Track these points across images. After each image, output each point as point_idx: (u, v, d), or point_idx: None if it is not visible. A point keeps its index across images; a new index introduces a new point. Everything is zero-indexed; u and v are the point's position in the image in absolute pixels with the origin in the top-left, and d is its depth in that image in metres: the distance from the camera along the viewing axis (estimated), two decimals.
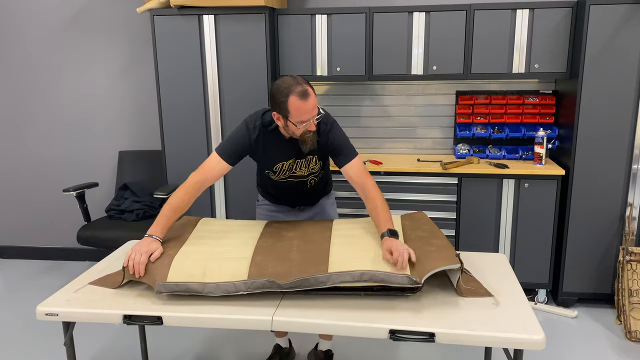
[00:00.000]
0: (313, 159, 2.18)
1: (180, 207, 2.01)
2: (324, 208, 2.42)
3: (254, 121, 2.12)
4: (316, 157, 2.17)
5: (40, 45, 3.86)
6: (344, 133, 2.16)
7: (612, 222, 3.08)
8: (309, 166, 2.19)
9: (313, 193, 2.35)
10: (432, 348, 2.80)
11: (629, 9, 2.84)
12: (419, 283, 1.69)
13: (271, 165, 2.18)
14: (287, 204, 2.39)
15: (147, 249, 1.88)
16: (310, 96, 1.93)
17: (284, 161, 2.16)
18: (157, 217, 1.99)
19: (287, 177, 2.21)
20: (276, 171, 2.18)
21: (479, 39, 3.14)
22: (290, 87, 1.93)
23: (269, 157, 2.16)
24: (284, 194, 2.34)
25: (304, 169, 2.19)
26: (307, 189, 2.29)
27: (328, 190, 2.46)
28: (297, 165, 2.17)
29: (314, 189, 2.32)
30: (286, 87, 1.93)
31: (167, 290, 1.77)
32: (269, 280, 1.74)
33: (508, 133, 3.39)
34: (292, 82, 1.94)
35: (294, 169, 2.18)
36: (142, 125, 3.90)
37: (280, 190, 2.32)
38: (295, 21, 3.26)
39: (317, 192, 2.36)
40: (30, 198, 4.13)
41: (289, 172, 2.19)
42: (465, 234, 3.22)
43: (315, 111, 1.98)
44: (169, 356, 2.79)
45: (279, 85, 1.96)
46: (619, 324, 2.98)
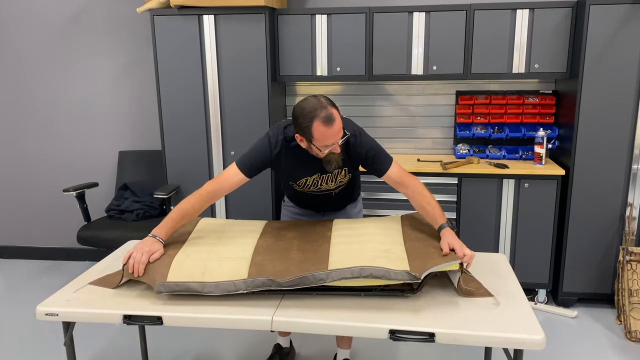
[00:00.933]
0: (342, 172, 2.12)
1: (190, 214, 1.99)
2: (349, 215, 2.37)
3: (276, 135, 2.04)
4: (345, 169, 2.11)
5: (41, 45, 3.86)
6: (373, 140, 2.08)
7: (612, 222, 3.08)
8: (337, 179, 2.13)
9: (339, 200, 2.30)
10: (432, 348, 2.79)
11: (629, 9, 2.84)
12: (419, 278, 1.69)
13: (295, 179, 2.13)
14: (312, 209, 2.36)
15: (149, 249, 1.87)
16: (335, 121, 1.86)
17: (308, 176, 2.10)
18: (165, 219, 1.96)
19: (315, 191, 2.17)
20: (300, 185, 2.14)
21: (479, 39, 3.14)
22: (314, 112, 1.85)
23: (293, 172, 2.11)
24: (309, 203, 2.31)
25: (331, 183, 2.14)
26: (332, 198, 2.24)
27: (355, 196, 2.39)
28: (322, 180, 2.12)
29: (340, 196, 2.26)
30: (310, 112, 1.85)
31: (167, 290, 1.77)
32: (269, 278, 1.74)
33: (508, 133, 3.39)
34: (317, 105, 1.86)
35: (320, 184, 2.13)
36: (142, 125, 3.90)
37: (304, 199, 2.29)
38: (295, 21, 3.26)
39: (343, 198, 2.31)
40: (30, 198, 4.13)
41: (314, 187, 2.14)
42: (465, 234, 3.22)
43: (340, 134, 1.91)
44: (169, 356, 2.79)
45: (302, 107, 1.89)
46: (619, 324, 2.98)
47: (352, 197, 2.36)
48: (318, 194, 2.19)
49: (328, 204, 2.32)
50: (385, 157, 2.07)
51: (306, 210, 2.39)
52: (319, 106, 1.86)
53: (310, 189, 2.15)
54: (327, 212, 2.37)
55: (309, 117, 1.86)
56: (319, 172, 2.09)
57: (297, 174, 2.11)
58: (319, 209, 2.36)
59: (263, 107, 3.28)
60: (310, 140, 1.91)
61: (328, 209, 2.36)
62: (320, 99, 1.89)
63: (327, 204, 2.32)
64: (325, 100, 1.90)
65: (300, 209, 2.39)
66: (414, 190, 2.04)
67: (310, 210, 2.38)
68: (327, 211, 2.37)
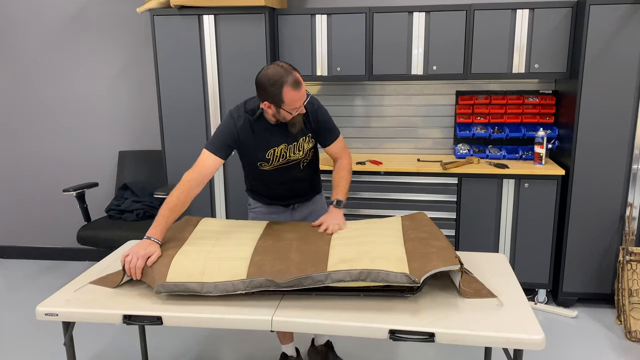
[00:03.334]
0: (306, 139, 2.20)
1: (177, 207, 2.00)
2: (317, 206, 2.40)
3: (238, 110, 2.14)
4: (309, 135, 2.20)
5: (41, 45, 3.87)
6: (327, 111, 2.25)
7: (612, 222, 3.08)
8: (304, 148, 2.21)
9: (305, 184, 2.33)
10: (432, 348, 2.80)
11: (629, 9, 2.84)
12: (418, 282, 1.69)
13: (263, 154, 2.16)
14: (281, 202, 2.35)
15: (145, 252, 1.86)
16: (301, 83, 1.98)
17: (275, 147, 2.16)
18: (156, 218, 1.97)
19: (281, 164, 2.20)
20: (269, 159, 2.17)
21: (479, 39, 3.14)
22: (282, 78, 1.94)
23: (260, 144, 2.15)
24: (277, 187, 2.30)
25: (299, 152, 2.21)
26: (298, 180, 2.27)
27: (319, 188, 2.44)
28: (290, 151, 2.18)
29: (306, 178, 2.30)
30: (278, 79, 1.94)
31: (166, 290, 1.77)
32: (268, 279, 1.74)
33: (508, 133, 3.39)
34: (282, 72, 1.95)
35: (288, 155, 2.19)
36: (142, 125, 3.90)
37: (273, 184, 2.28)
38: (295, 21, 3.26)
39: (309, 181, 2.34)
40: (30, 198, 4.13)
41: (283, 159, 2.19)
42: (465, 234, 3.22)
43: (305, 95, 2.03)
44: (169, 356, 2.79)
45: (269, 76, 1.96)
46: (619, 324, 2.98)
47: (316, 181, 2.39)
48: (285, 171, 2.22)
49: (295, 189, 2.32)
50: (335, 130, 2.27)
51: (274, 207, 2.36)
52: (285, 72, 1.95)
53: (279, 162, 2.18)
54: (295, 203, 2.35)
55: (277, 84, 1.94)
56: (285, 142, 2.16)
57: (263, 147, 2.15)
58: (287, 196, 2.33)
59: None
60: (280, 105, 1.99)
61: (296, 197, 2.34)
62: (283, 65, 1.98)
63: (295, 189, 2.31)
64: (288, 66, 1.99)
65: (269, 207, 2.37)
66: (340, 164, 2.30)
67: (278, 206, 2.35)
68: (295, 202, 2.34)
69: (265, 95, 2.00)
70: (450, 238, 3.23)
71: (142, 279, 1.83)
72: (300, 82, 1.97)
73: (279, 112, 2.03)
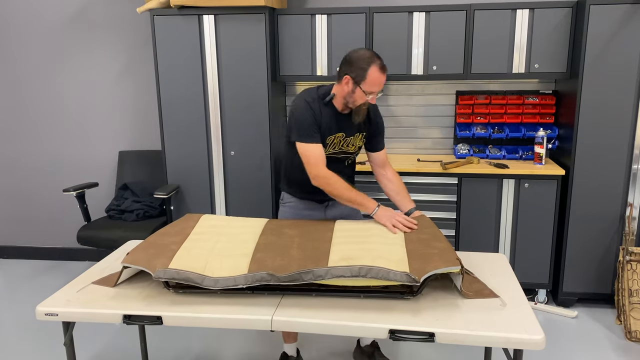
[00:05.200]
0: (360, 136, 2.28)
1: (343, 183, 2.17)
2: (350, 212, 2.38)
3: (311, 95, 2.19)
4: (363, 134, 2.28)
5: (40, 45, 3.86)
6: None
7: (612, 222, 3.07)
8: (356, 143, 2.29)
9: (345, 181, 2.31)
10: (432, 348, 2.80)
11: (629, 9, 2.84)
12: (418, 281, 1.69)
13: (325, 138, 2.20)
14: (316, 197, 2.31)
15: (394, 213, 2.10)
16: (386, 71, 2.09)
17: (335, 133, 2.21)
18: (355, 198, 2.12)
19: (333, 154, 2.24)
20: (327, 144, 2.21)
21: (479, 39, 3.14)
22: (372, 58, 2.06)
23: (325, 129, 2.19)
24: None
25: (351, 147, 2.28)
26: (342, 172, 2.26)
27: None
28: (345, 143, 2.25)
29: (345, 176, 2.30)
30: (369, 57, 2.06)
31: (167, 276, 1.76)
32: (268, 273, 1.74)
33: (508, 133, 3.39)
34: (373, 54, 2.08)
35: (343, 146, 2.25)
36: (142, 125, 3.90)
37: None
38: (295, 21, 3.26)
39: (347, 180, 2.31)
40: (30, 198, 4.13)
41: (339, 147, 2.25)
42: (465, 234, 3.22)
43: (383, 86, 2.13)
44: (169, 356, 2.79)
45: (360, 53, 2.09)
46: (619, 324, 2.98)
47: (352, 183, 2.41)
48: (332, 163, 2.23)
49: None
50: (383, 139, 2.38)
51: (308, 203, 2.35)
52: (375, 55, 2.09)
53: (334, 149, 2.24)
54: (330, 201, 2.32)
55: (367, 60, 2.06)
56: (344, 132, 2.23)
57: (326, 132, 2.20)
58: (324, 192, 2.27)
59: (263, 107, 3.28)
60: (360, 82, 2.07)
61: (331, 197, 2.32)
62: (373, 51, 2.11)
63: None
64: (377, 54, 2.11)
65: (302, 202, 2.36)
66: (394, 174, 2.39)
67: (312, 201, 2.35)
68: (330, 199, 2.30)
69: (350, 69, 2.08)
70: (450, 238, 3.23)
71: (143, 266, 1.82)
72: (386, 69, 2.08)
73: (354, 92, 2.09)
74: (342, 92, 2.15)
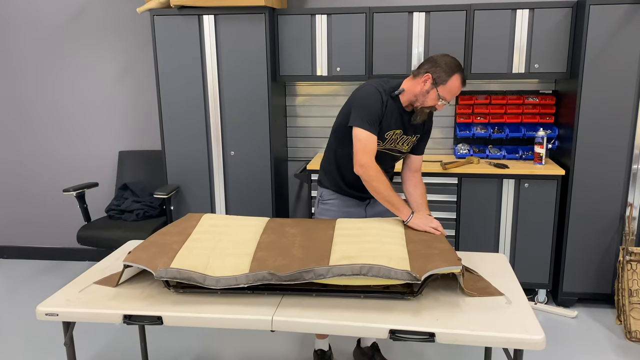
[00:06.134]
0: (414, 138, 2.28)
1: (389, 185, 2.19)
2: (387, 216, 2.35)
3: (383, 85, 2.18)
4: (417, 136, 2.28)
5: (40, 45, 3.86)
6: None
7: (612, 222, 3.08)
8: (410, 144, 2.29)
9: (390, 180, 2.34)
10: (432, 348, 2.80)
11: (629, 9, 2.84)
12: (419, 279, 1.69)
13: (384, 132, 2.19)
14: (357, 194, 2.32)
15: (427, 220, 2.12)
16: (464, 86, 2.13)
17: (395, 130, 2.21)
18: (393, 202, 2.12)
19: (388, 149, 2.24)
20: (386, 138, 2.21)
21: (479, 39, 3.14)
22: (459, 67, 2.08)
23: (387, 122, 2.18)
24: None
25: (405, 146, 2.27)
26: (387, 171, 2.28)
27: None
28: (401, 141, 2.25)
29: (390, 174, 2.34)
30: (456, 65, 2.08)
31: (169, 275, 1.76)
32: (270, 272, 1.74)
33: (508, 133, 3.39)
34: (460, 66, 2.09)
35: (398, 142, 2.25)
36: (142, 125, 3.90)
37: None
38: (295, 21, 3.26)
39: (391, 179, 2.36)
40: (30, 198, 4.13)
41: (393, 144, 2.24)
42: (465, 234, 3.22)
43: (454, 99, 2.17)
44: (169, 356, 2.79)
45: (448, 59, 2.09)
46: (619, 324, 2.98)
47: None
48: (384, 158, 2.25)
49: None
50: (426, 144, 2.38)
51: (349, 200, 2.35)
52: (461, 68, 2.10)
53: (390, 145, 2.24)
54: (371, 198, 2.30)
55: (454, 67, 2.07)
56: (402, 129, 2.22)
57: (387, 126, 2.19)
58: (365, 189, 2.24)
59: (263, 107, 3.28)
60: (438, 85, 2.08)
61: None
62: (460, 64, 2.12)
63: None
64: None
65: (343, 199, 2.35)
66: (421, 183, 2.36)
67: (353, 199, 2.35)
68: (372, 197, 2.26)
69: (434, 69, 2.08)
70: (450, 238, 3.23)
71: (144, 265, 1.82)
72: (465, 84, 2.12)
73: (428, 92, 2.09)
74: (414, 89, 2.13)
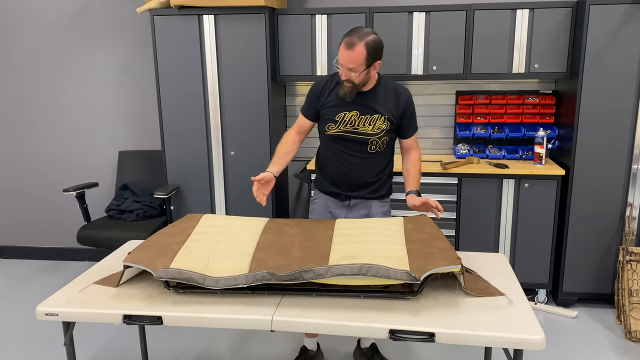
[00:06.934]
0: (381, 118, 2.23)
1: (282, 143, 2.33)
2: (376, 214, 2.37)
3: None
4: (384, 117, 2.23)
5: (40, 45, 3.86)
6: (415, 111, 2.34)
7: (612, 222, 3.08)
8: (375, 124, 2.23)
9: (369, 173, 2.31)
10: (432, 348, 2.80)
11: (629, 9, 2.84)
12: (418, 279, 1.69)
13: (333, 115, 2.22)
14: (339, 190, 2.34)
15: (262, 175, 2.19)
16: (354, 48, 2.05)
17: (347, 111, 2.22)
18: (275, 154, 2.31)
19: (348, 132, 2.23)
20: (337, 121, 2.22)
21: (479, 39, 3.14)
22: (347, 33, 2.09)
23: (334, 104, 2.22)
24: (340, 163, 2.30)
25: (369, 126, 2.23)
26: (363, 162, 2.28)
27: (384, 194, 2.40)
28: (360, 122, 2.22)
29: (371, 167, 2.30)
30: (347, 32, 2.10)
31: (169, 276, 1.77)
32: (269, 272, 1.74)
33: (508, 133, 3.39)
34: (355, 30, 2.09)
35: (357, 124, 2.22)
36: (142, 125, 3.90)
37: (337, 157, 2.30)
38: (295, 21, 3.26)
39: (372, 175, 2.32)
40: (30, 198, 4.13)
41: (351, 126, 2.23)
42: (465, 234, 3.22)
43: (351, 65, 2.07)
44: (169, 356, 2.79)
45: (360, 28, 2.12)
46: (619, 324, 2.98)
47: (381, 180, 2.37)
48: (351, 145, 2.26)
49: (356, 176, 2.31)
50: (415, 125, 2.35)
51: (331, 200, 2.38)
52: (356, 31, 2.08)
53: (346, 127, 2.24)
54: (352, 199, 2.34)
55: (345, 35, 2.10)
56: (358, 110, 2.22)
57: (337, 108, 2.24)
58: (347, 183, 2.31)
59: (263, 107, 3.28)
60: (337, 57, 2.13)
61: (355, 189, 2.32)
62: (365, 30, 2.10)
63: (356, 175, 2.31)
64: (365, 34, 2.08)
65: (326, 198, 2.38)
66: (411, 156, 2.36)
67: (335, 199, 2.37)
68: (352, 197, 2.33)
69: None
70: (450, 238, 3.23)
71: (145, 266, 1.82)
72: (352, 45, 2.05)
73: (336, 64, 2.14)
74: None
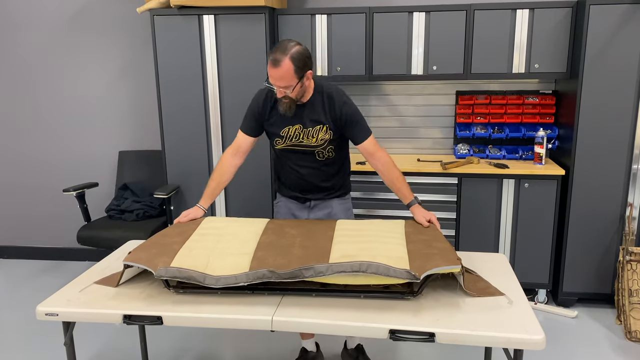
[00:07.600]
0: (323, 128, 2.20)
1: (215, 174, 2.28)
2: (337, 211, 2.36)
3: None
4: (326, 127, 2.20)
5: (40, 45, 3.86)
6: (359, 111, 2.22)
7: (612, 222, 3.08)
8: (318, 136, 2.21)
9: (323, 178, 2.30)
10: (432, 348, 2.80)
11: (629, 9, 2.84)
12: (418, 278, 1.69)
13: (278, 130, 2.22)
14: (299, 194, 2.34)
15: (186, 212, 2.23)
16: (279, 65, 1.99)
17: (290, 125, 2.21)
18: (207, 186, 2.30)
19: (294, 146, 2.23)
20: (283, 136, 2.22)
21: (479, 39, 3.14)
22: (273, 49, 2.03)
23: (277, 119, 2.21)
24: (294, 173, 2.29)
25: (312, 139, 2.21)
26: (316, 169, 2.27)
27: (343, 192, 2.40)
28: (304, 135, 2.21)
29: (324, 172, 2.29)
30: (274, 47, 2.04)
31: (169, 274, 1.77)
32: (269, 270, 1.74)
33: (508, 133, 3.39)
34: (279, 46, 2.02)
35: (302, 137, 2.21)
36: (142, 125, 3.90)
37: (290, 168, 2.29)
38: (295, 21, 3.26)
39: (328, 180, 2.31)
40: (30, 198, 4.13)
41: (296, 140, 2.22)
42: (465, 234, 3.22)
43: (281, 83, 2.02)
44: (169, 356, 2.79)
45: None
46: (619, 324, 2.98)
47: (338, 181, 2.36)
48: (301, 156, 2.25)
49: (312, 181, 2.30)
50: (365, 128, 2.22)
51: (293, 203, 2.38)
52: (279, 47, 2.02)
53: (292, 141, 2.23)
54: (312, 200, 2.35)
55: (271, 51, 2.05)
56: (301, 124, 2.20)
57: (281, 123, 2.22)
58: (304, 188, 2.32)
59: None
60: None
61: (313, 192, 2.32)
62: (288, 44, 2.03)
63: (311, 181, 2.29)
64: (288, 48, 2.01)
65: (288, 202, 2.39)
66: (385, 164, 2.23)
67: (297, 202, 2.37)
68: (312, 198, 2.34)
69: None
70: (450, 238, 3.23)
71: (145, 265, 1.82)
72: (278, 62, 1.98)
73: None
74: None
